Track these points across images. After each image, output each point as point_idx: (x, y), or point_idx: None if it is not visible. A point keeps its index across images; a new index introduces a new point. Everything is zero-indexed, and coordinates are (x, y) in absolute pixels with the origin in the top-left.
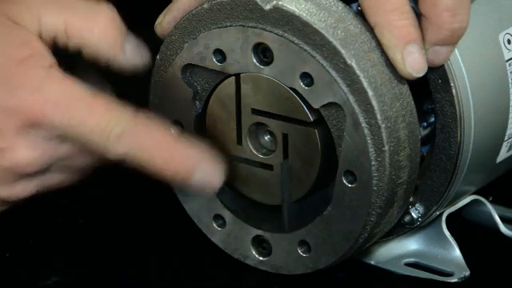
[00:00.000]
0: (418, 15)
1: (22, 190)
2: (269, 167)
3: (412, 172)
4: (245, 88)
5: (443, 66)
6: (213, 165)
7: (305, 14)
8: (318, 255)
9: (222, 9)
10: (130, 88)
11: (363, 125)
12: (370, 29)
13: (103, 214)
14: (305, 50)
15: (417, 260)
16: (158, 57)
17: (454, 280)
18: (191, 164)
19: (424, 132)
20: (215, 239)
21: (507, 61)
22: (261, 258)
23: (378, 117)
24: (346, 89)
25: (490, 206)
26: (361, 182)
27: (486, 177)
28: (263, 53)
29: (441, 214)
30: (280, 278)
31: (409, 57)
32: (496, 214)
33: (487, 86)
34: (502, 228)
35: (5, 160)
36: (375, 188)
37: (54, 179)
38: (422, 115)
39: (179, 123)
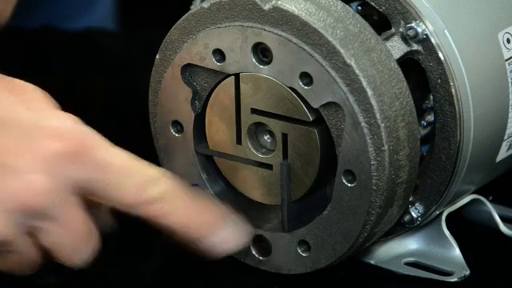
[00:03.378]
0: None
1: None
2: (268, 167)
3: (411, 171)
4: (244, 88)
5: (443, 65)
6: (237, 220)
7: (304, 14)
8: (317, 255)
9: (221, 8)
10: (129, 88)
11: (362, 124)
12: (370, 28)
13: None
14: (304, 50)
15: (417, 259)
16: (157, 56)
17: (453, 279)
18: (215, 217)
19: (423, 131)
20: None
21: (507, 60)
22: (261, 258)
23: (378, 116)
24: (345, 88)
25: (489, 206)
26: (360, 182)
27: (485, 176)
28: (262, 52)
29: (441, 214)
30: (280, 278)
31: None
32: (496, 213)
33: (487, 85)
34: (502, 227)
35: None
36: (375, 187)
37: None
38: (422, 114)
39: (179, 123)
